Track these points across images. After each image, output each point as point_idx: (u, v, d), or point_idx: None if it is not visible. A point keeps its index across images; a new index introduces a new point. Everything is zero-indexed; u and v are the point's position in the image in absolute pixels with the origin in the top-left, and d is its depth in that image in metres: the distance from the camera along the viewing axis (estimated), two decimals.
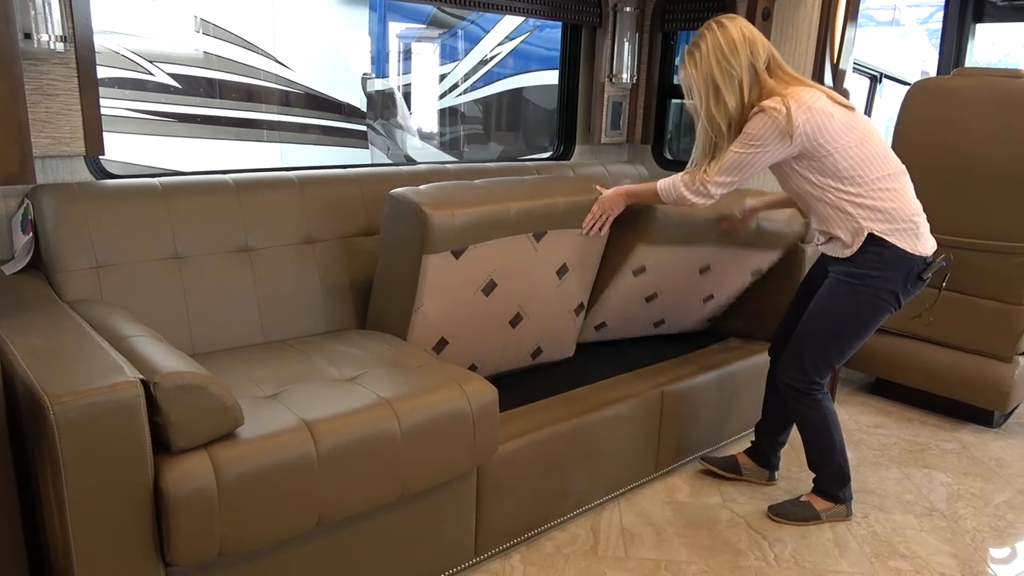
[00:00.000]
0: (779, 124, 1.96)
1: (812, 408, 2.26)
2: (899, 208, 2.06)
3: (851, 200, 2.05)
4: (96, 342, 1.55)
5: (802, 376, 2.22)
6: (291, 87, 5.88)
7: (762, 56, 2.06)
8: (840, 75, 2.99)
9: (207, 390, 1.47)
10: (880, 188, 2.05)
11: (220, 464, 1.49)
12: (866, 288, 2.09)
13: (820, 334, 2.18)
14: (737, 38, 2.04)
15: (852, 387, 3.46)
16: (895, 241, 2.05)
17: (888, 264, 2.07)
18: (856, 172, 2.04)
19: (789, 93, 1.99)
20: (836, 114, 2.00)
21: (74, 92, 2.00)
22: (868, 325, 2.16)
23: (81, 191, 2.00)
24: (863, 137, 2.04)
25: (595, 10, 3.25)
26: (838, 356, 2.22)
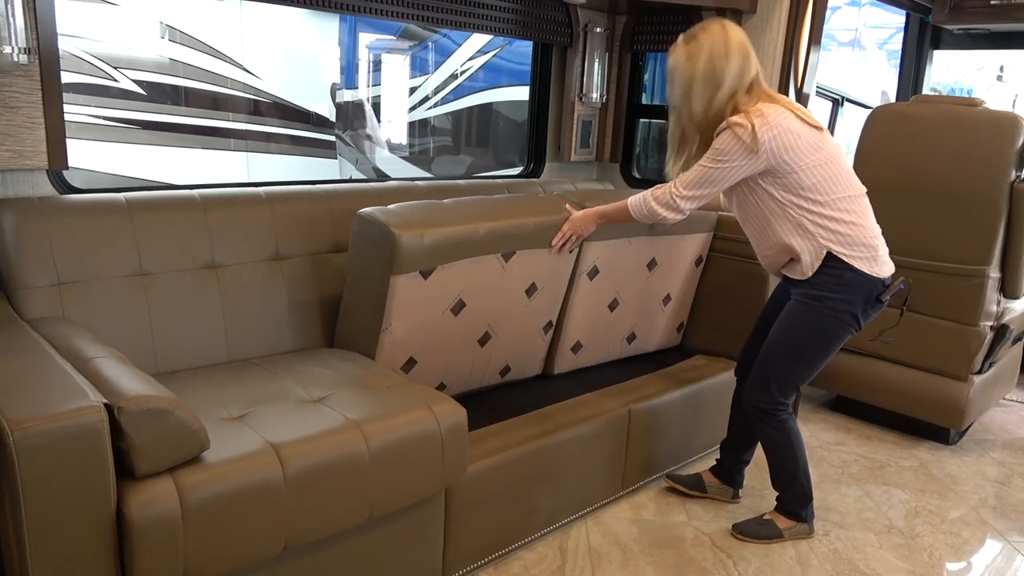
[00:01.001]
0: (744, 141, 2.00)
1: (778, 429, 2.29)
2: (859, 230, 2.10)
3: (812, 219, 2.08)
4: (58, 364, 1.52)
5: (768, 397, 2.25)
6: (259, 96, 5.83)
7: (751, 72, 2.09)
8: (804, 99, 3.06)
9: (173, 414, 1.45)
10: (842, 208, 2.08)
11: (185, 489, 1.46)
12: (827, 310, 2.13)
13: (785, 355, 2.21)
14: (736, 47, 2.07)
15: (813, 404, 3.52)
16: (854, 263, 2.09)
17: (847, 286, 2.10)
18: (819, 190, 2.07)
19: (755, 110, 2.02)
20: (803, 133, 2.03)
21: (38, 105, 1.96)
22: (830, 346, 2.20)
23: (43, 206, 1.96)
24: (828, 157, 2.07)
25: (566, 30, 3.28)
26: (802, 377, 2.25)
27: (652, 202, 2.16)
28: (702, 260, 3.00)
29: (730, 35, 2.07)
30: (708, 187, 2.10)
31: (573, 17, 3.26)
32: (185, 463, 1.50)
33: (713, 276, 3.02)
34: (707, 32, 2.07)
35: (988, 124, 2.94)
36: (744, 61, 2.07)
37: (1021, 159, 2.88)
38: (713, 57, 2.05)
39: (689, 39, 2.09)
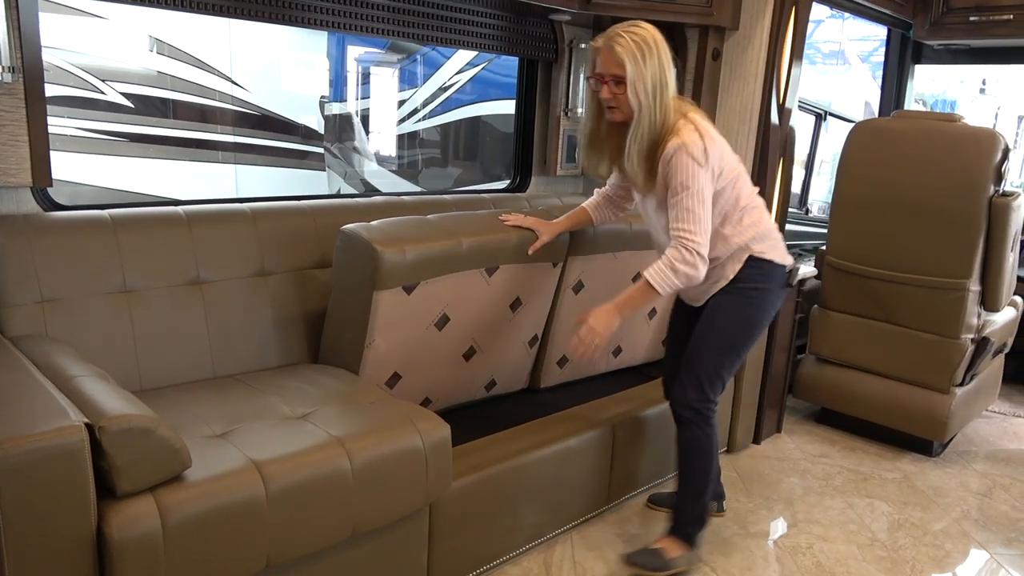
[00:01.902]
0: (698, 160, 1.97)
1: (705, 432, 2.23)
2: (766, 222, 2.18)
3: (735, 224, 2.13)
4: (39, 383, 1.52)
5: (700, 395, 2.20)
6: (247, 108, 5.84)
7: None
8: (786, 114, 3.10)
9: (154, 433, 1.45)
10: (752, 205, 2.15)
11: (167, 508, 1.47)
12: (755, 301, 2.18)
13: (715, 350, 2.20)
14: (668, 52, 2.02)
15: (798, 416, 3.54)
16: (771, 256, 2.16)
17: (767, 276, 2.18)
18: (738, 194, 2.12)
19: (690, 120, 2.02)
20: (725, 143, 2.11)
21: (21, 122, 1.96)
22: (754, 336, 2.26)
23: (27, 223, 1.96)
24: (736, 159, 2.14)
25: (551, 46, 3.31)
26: (731, 370, 2.26)
27: (682, 266, 2.00)
28: None
29: (659, 35, 2.02)
30: (705, 216, 2.02)
31: (558, 33, 3.29)
32: (167, 481, 1.50)
33: None
34: (650, 33, 1.99)
35: (967, 139, 2.98)
36: (671, 63, 2.03)
37: (999, 174, 2.92)
38: (666, 60, 2.00)
39: (638, 43, 1.96)
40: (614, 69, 1.98)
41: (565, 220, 2.40)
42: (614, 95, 2.00)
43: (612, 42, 1.98)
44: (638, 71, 1.95)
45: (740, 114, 3.12)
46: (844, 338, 3.30)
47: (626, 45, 1.96)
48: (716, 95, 3.18)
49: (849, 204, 3.24)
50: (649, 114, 1.99)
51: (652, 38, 1.98)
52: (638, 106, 1.98)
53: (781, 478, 2.94)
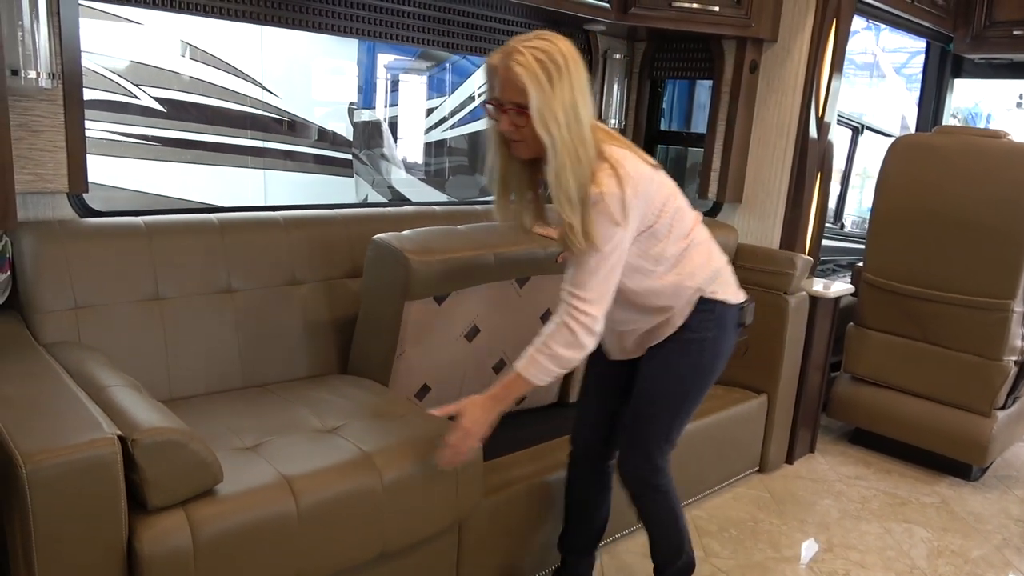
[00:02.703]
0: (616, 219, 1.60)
1: (660, 501, 1.96)
2: (715, 259, 1.84)
3: (682, 265, 1.78)
4: (73, 393, 1.51)
5: (650, 464, 1.91)
6: (277, 114, 5.87)
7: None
8: (825, 128, 3.04)
9: (187, 447, 1.43)
10: (695, 241, 1.81)
11: (197, 523, 1.44)
12: (706, 351, 1.84)
13: (667, 414, 1.89)
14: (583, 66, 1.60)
15: (832, 436, 3.47)
16: (723, 295, 1.83)
17: (720, 320, 1.84)
18: (678, 230, 1.76)
19: (609, 162, 1.60)
20: (651, 174, 1.68)
21: (60, 129, 1.97)
22: (705, 390, 1.91)
23: (62, 229, 1.96)
24: (670, 190, 1.76)
25: (584, 56, 3.26)
26: (680, 430, 1.94)
27: (565, 350, 1.64)
28: None
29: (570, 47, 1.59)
30: (612, 282, 1.66)
31: (592, 43, 3.26)
32: (198, 496, 1.48)
33: None
34: (559, 49, 1.56)
35: (1012, 156, 2.90)
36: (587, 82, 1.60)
37: None
38: (581, 82, 1.58)
39: (542, 61, 1.52)
40: (513, 95, 1.55)
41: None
42: (516, 127, 1.58)
43: (510, 60, 1.54)
44: (543, 97, 1.52)
45: (777, 128, 3.07)
46: (881, 357, 3.23)
47: (527, 64, 1.52)
48: (753, 108, 3.13)
49: (888, 221, 3.16)
50: (569, 152, 1.56)
51: (561, 53, 1.55)
52: (551, 142, 1.55)
53: (815, 500, 2.87)
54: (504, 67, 1.55)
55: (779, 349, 2.90)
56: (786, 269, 2.87)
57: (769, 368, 2.94)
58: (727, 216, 3.25)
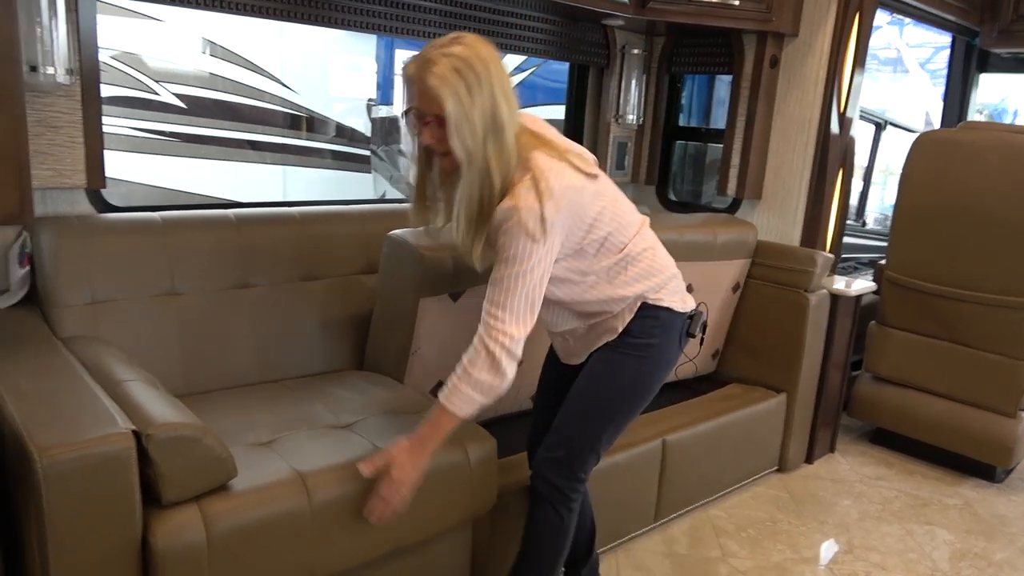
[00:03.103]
0: (533, 234, 1.50)
1: (563, 515, 1.80)
2: (660, 264, 1.75)
3: (622, 275, 1.70)
4: (88, 387, 1.52)
5: (567, 474, 1.78)
6: (296, 110, 5.89)
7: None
8: (847, 123, 2.99)
9: (201, 442, 1.43)
10: (639, 248, 1.71)
11: (211, 518, 1.45)
12: (648, 359, 1.74)
13: (594, 420, 1.77)
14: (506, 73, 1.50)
15: (852, 435, 3.42)
16: (669, 303, 1.73)
17: (664, 327, 1.73)
18: (613, 240, 1.67)
19: (533, 174, 1.51)
20: (583, 184, 1.58)
21: (78, 124, 1.98)
22: (645, 400, 1.79)
23: (80, 225, 1.97)
24: (611, 197, 1.67)
25: (603, 51, 3.25)
26: (609, 442, 1.80)
27: (484, 375, 1.54)
28: (739, 287, 2.94)
29: (491, 50, 1.49)
30: (534, 302, 1.56)
31: (610, 38, 3.23)
32: (212, 491, 1.48)
33: (751, 303, 2.96)
34: (479, 54, 1.46)
35: None
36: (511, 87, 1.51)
37: None
38: (504, 87, 1.48)
39: (458, 68, 1.43)
40: (432, 107, 1.45)
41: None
42: (439, 139, 1.48)
43: (425, 71, 1.44)
44: (461, 110, 1.43)
45: (798, 123, 3.02)
46: (903, 356, 3.18)
47: (442, 74, 1.42)
48: (773, 103, 3.09)
49: (912, 218, 3.11)
50: (481, 168, 1.48)
51: (480, 58, 1.45)
52: (466, 157, 1.47)
53: (835, 500, 2.83)
54: (419, 78, 1.45)
55: (799, 348, 2.87)
56: (806, 267, 2.83)
57: (788, 367, 2.90)
58: (746, 213, 3.21)
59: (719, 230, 2.77)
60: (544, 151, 1.54)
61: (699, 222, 2.81)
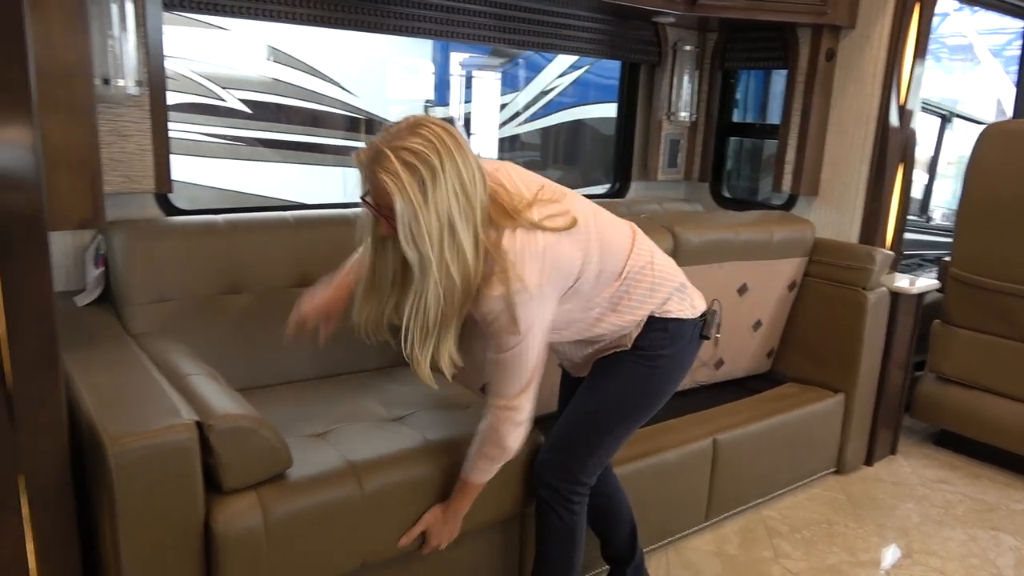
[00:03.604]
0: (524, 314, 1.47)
1: (567, 519, 1.79)
2: (660, 274, 1.69)
3: (619, 301, 1.65)
4: (156, 381, 1.61)
5: (569, 478, 1.77)
6: (355, 112, 6.03)
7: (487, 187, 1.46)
8: (907, 116, 2.91)
9: (258, 433, 1.50)
10: (636, 268, 1.65)
11: (269, 504, 1.52)
12: (656, 369, 1.71)
13: (598, 428, 1.75)
14: (474, 160, 1.41)
15: (915, 438, 3.32)
16: (678, 312, 1.70)
17: (674, 337, 1.70)
18: (608, 272, 1.62)
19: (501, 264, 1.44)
20: (562, 240, 1.51)
21: (147, 133, 2.09)
22: (653, 409, 1.77)
23: (149, 228, 2.08)
24: (590, 232, 1.57)
25: (654, 48, 3.24)
26: (612, 450, 1.80)
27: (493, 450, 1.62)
28: (796, 285, 2.89)
29: (457, 138, 1.39)
30: (537, 368, 1.57)
31: (662, 36, 3.22)
32: (270, 479, 1.55)
33: (807, 301, 2.91)
34: (433, 146, 1.35)
35: None
36: (479, 166, 1.42)
37: None
38: (459, 183, 1.37)
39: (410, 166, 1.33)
40: (384, 200, 1.37)
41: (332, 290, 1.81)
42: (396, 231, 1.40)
43: (375, 164, 1.35)
44: (412, 212, 1.34)
45: (856, 117, 2.96)
46: (969, 356, 3.07)
47: (395, 173, 1.33)
48: (829, 97, 3.03)
49: (979, 213, 3.00)
50: (437, 274, 1.39)
51: (436, 151, 1.34)
52: (418, 261, 1.39)
53: (895, 504, 2.76)
54: (371, 173, 1.36)
55: (857, 347, 2.81)
56: (865, 264, 2.77)
57: (847, 366, 2.84)
58: (803, 209, 3.16)
59: (775, 228, 2.73)
60: (508, 224, 1.45)
61: (755, 220, 2.78)
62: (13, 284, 1.27)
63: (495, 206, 1.46)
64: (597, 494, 1.96)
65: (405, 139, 1.35)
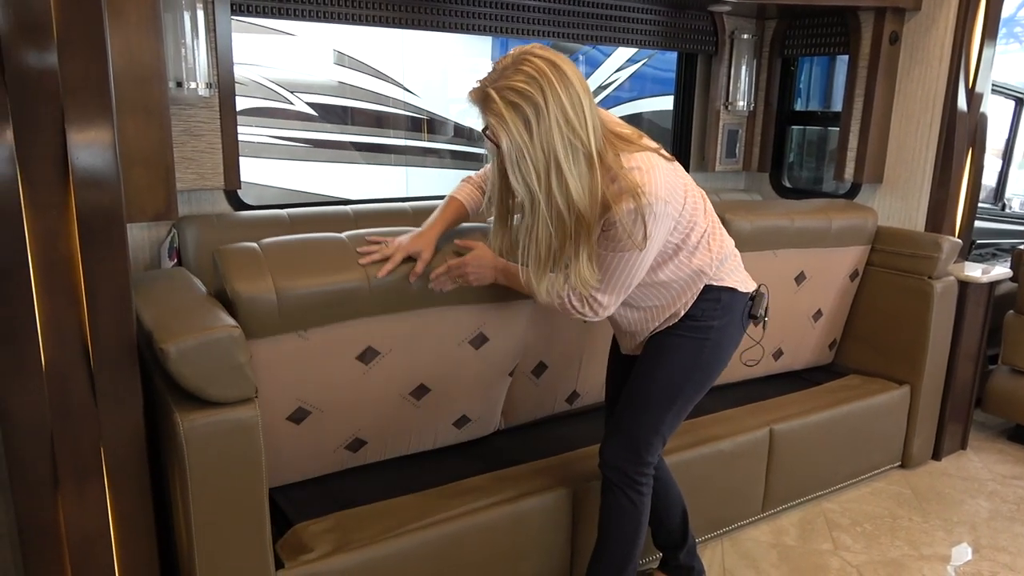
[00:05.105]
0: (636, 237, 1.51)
1: (634, 499, 1.81)
2: (723, 243, 1.73)
3: (690, 259, 1.68)
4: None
5: (633, 459, 1.78)
6: (417, 113, 6.15)
7: (597, 111, 1.50)
8: (976, 99, 2.82)
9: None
10: (708, 232, 1.69)
11: None
12: (709, 341, 1.72)
13: (657, 406, 1.76)
14: (580, 88, 1.43)
15: (989, 433, 3.21)
16: (731, 283, 1.73)
17: (726, 308, 1.73)
18: (694, 222, 1.65)
19: (639, 169, 1.50)
20: (674, 167, 1.60)
21: (216, 132, 2.21)
22: (708, 383, 1.79)
23: (219, 222, 2.20)
24: (689, 187, 1.65)
25: (711, 38, 3.22)
26: (672, 426, 1.80)
27: (571, 297, 1.61)
28: (858, 274, 2.83)
29: (568, 75, 1.42)
30: (629, 286, 1.61)
31: (719, 25, 3.20)
32: None
33: (871, 291, 2.85)
34: (539, 85, 1.39)
35: None
36: (591, 101, 1.46)
37: None
38: (564, 118, 1.40)
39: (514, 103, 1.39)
40: (497, 137, 1.43)
41: (439, 221, 1.75)
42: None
43: (483, 104, 1.43)
44: (518, 147, 1.40)
45: (922, 101, 2.88)
46: None
47: (497, 112, 1.39)
48: (894, 82, 2.95)
49: None
50: (545, 209, 1.44)
51: (540, 87, 1.38)
52: (527, 196, 1.45)
53: (964, 499, 2.68)
54: (481, 112, 1.44)
55: (923, 337, 2.73)
56: (931, 252, 2.69)
57: (912, 357, 2.77)
58: (867, 198, 3.09)
59: (834, 215, 2.68)
60: (631, 151, 1.53)
61: (812, 208, 2.74)
62: (94, 273, 1.38)
63: (612, 134, 1.52)
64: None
65: (509, 77, 1.40)
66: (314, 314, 1.63)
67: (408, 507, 1.84)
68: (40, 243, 1.31)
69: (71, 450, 1.41)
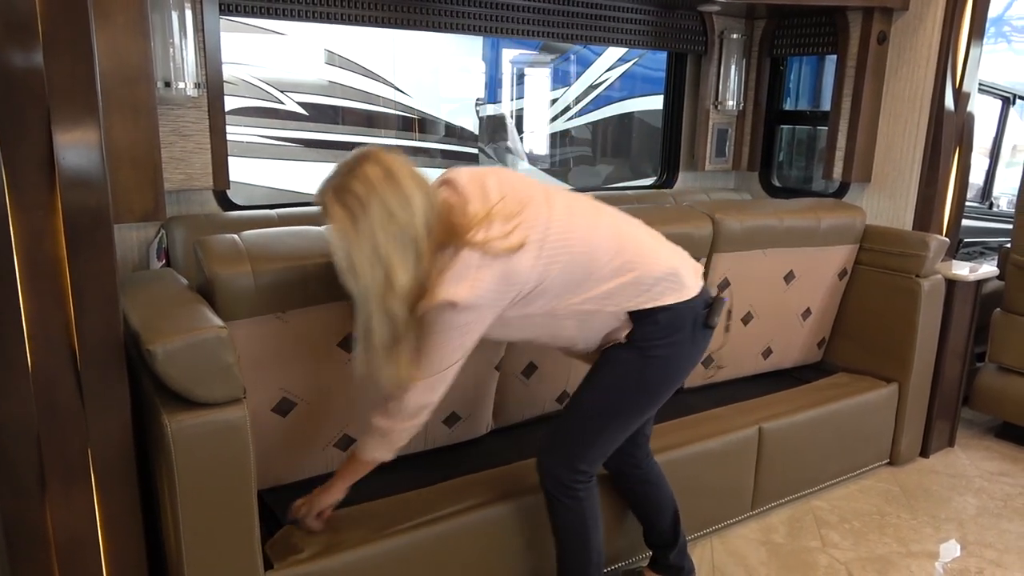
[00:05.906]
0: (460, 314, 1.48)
1: (573, 509, 1.77)
2: (642, 266, 1.63)
3: (605, 300, 1.63)
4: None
5: (566, 465, 1.75)
6: (408, 112, 6.15)
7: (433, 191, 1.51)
8: (963, 98, 2.84)
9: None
10: (617, 263, 1.61)
11: None
12: (654, 359, 1.68)
13: (596, 418, 1.73)
14: (404, 181, 1.45)
15: (976, 430, 3.23)
16: (667, 299, 1.65)
17: (671, 326, 1.66)
18: (589, 269, 1.60)
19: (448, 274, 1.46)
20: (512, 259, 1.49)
21: (205, 133, 2.20)
22: (656, 400, 1.76)
23: (207, 222, 2.19)
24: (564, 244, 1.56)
25: (700, 38, 3.23)
26: (613, 440, 1.77)
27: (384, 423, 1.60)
28: (846, 273, 2.85)
29: (393, 166, 1.46)
30: (459, 356, 1.56)
31: (708, 24, 3.21)
32: None
33: (859, 289, 2.86)
34: (364, 181, 1.43)
35: None
36: (422, 185, 1.48)
37: None
38: (387, 212, 1.42)
39: (344, 203, 1.43)
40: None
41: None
42: None
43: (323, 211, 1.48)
44: (344, 248, 1.44)
45: (909, 101, 2.90)
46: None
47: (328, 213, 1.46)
48: (881, 82, 2.98)
49: None
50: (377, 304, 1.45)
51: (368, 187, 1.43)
52: (356, 293, 1.48)
53: (951, 496, 2.70)
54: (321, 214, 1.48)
55: (911, 336, 2.75)
56: (918, 251, 2.71)
57: (900, 355, 2.79)
58: (855, 197, 3.11)
59: (823, 215, 2.69)
60: (454, 243, 1.47)
61: (801, 207, 2.75)
62: (81, 273, 1.37)
63: (443, 226, 1.49)
64: (639, 481, 1.99)
65: (341, 178, 1.46)
66: (292, 295, 1.65)
67: (398, 507, 1.84)
68: (26, 244, 1.31)
69: (58, 452, 1.41)
